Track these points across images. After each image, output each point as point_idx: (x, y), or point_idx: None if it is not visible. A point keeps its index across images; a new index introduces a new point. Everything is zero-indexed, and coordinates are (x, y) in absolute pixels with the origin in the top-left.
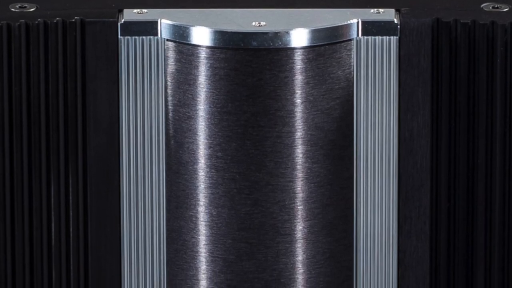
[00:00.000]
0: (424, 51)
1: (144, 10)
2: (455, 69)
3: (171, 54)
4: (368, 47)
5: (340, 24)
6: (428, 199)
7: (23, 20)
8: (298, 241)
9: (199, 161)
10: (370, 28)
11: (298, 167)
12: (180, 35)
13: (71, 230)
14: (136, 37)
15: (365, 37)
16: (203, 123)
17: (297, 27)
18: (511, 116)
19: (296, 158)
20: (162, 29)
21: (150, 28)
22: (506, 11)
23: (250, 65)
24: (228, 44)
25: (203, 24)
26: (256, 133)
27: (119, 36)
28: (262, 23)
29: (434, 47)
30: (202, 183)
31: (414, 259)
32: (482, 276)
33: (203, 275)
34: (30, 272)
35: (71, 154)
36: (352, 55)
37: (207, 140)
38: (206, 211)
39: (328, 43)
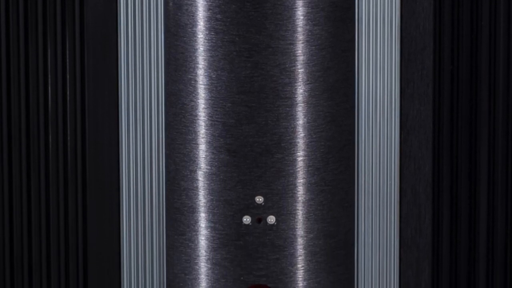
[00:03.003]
0: None
1: None
2: None
3: None
4: None
5: None
6: (431, 61)
7: None
8: (299, 104)
9: (198, 23)
10: None
11: (299, 29)
12: None
13: (68, 93)
14: None
15: None
16: None
17: None
18: None
19: (297, 20)
20: None
21: None
22: None
23: None
24: None
25: None
26: None
27: None
28: None
29: None
30: (201, 46)
31: (416, 122)
32: (486, 138)
33: (202, 139)
34: (26, 133)
35: (68, 16)
36: None
37: (206, 1)
38: (205, 74)
39: None
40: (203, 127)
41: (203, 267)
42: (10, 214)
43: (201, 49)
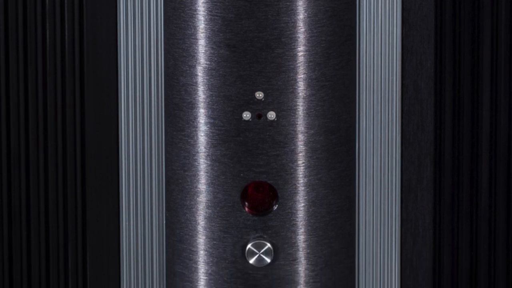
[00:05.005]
0: None
1: None
2: None
3: None
4: None
5: None
6: None
7: None
8: None
9: None
10: None
11: None
12: None
13: None
14: None
15: None
16: None
17: None
18: None
19: None
20: None
21: None
22: None
23: None
24: None
25: None
26: None
27: None
28: None
29: None
30: None
31: (418, 17)
32: (489, 32)
33: (201, 34)
34: (23, 29)
35: None
36: None
37: None
38: None
39: None
40: (202, 22)
41: (202, 164)
42: (7, 99)
43: None
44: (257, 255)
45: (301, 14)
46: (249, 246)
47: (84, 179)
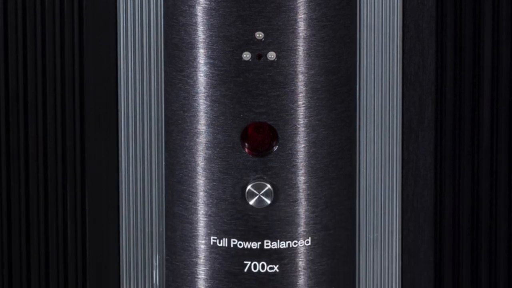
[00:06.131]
0: None
1: None
2: None
3: None
4: None
5: None
6: None
7: None
8: None
9: None
10: None
11: None
12: None
13: None
14: None
15: None
16: None
17: None
18: None
19: None
20: None
21: None
22: None
23: None
24: None
25: None
26: None
27: None
28: None
29: None
30: None
31: None
32: None
33: None
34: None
35: None
36: None
37: None
38: None
39: None
40: None
41: (202, 104)
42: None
43: None
44: (257, 196)
45: None
46: (249, 187)
47: (82, 123)
